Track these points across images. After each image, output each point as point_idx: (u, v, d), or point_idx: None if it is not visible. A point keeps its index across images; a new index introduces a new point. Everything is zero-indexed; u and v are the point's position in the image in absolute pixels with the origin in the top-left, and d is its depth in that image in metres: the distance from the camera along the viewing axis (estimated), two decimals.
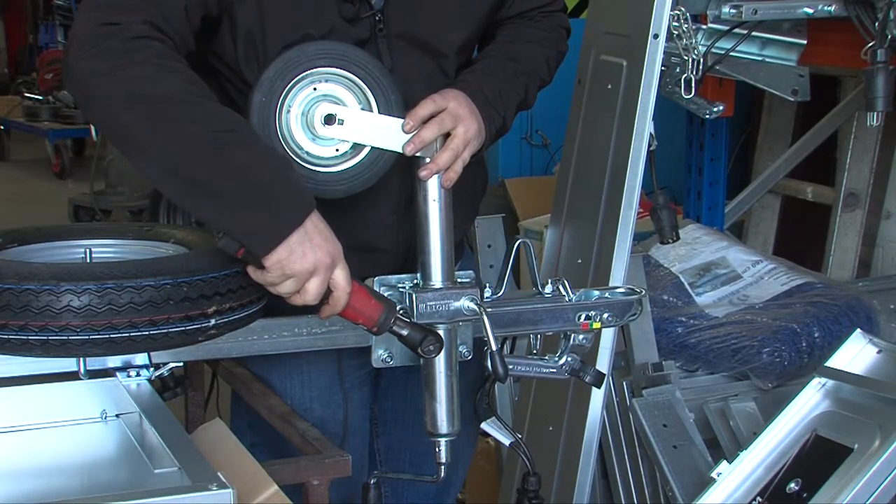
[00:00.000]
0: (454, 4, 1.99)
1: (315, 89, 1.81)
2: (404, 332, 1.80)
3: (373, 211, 1.99)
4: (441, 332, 1.85)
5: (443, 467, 1.91)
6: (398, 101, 1.85)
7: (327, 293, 1.74)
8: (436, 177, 1.85)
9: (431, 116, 1.86)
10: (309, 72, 1.80)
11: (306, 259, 1.68)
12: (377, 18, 1.92)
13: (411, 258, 1.98)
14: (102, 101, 1.70)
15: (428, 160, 1.84)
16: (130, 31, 1.69)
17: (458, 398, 1.89)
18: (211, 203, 1.68)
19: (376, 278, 1.86)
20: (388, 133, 1.83)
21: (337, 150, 1.83)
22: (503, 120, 1.99)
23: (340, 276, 1.73)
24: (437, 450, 1.90)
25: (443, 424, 1.89)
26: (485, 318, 1.83)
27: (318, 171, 1.84)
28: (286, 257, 1.68)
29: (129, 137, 1.70)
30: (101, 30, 1.69)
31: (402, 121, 1.83)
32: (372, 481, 1.92)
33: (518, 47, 2.07)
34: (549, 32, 2.13)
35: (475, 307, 1.85)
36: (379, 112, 1.84)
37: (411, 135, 1.83)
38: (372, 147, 1.85)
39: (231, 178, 1.67)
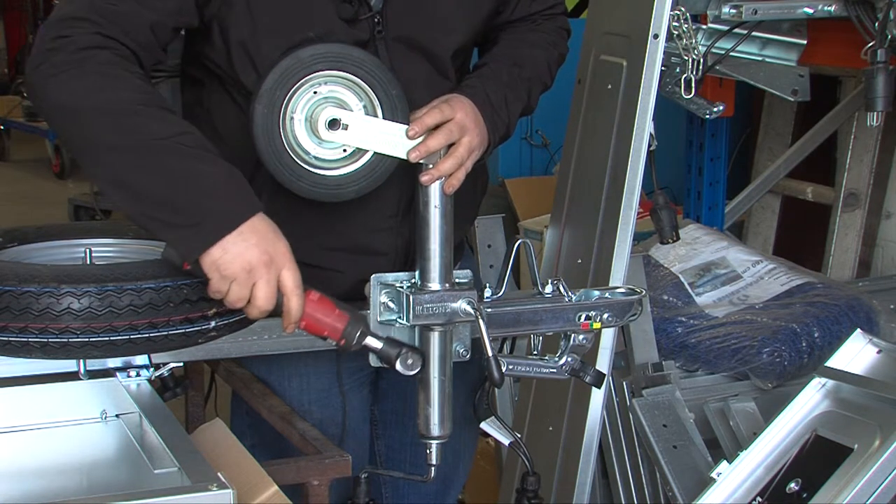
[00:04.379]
0: (452, 9, 1.99)
1: (316, 93, 1.81)
2: (378, 346, 1.76)
3: (371, 214, 1.99)
4: (436, 335, 1.85)
5: (432, 468, 1.92)
6: (399, 96, 1.84)
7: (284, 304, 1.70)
8: (437, 182, 1.84)
9: (438, 125, 1.86)
10: (307, 77, 1.80)
11: (241, 258, 1.65)
12: (376, 20, 1.92)
13: (410, 261, 1.99)
14: (52, 115, 1.73)
15: (430, 166, 1.84)
16: (79, 42, 1.71)
17: (450, 402, 1.90)
18: (146, 211, 1.68)
19: (373, 275, 1.86)
20: (393, 139, 1.83)
21: (344, 150, 1.83)
22: (507, 127, 2.00)
23: (287, 279, 1.69)
24: (427, 451, 1.91)
25: (435, 427, 1.90)
26: (481, 322, 1.83)
27: (328, 175, 1.83)
28: (219, 257, 1.66)
29: (76, 148, 1.73)
30: (52, 44, 1.71)
31: (406, 127, 1.83)
32: (363, 476, 1.93)
33: (522, 52, 2.07)
34: (551, 36, 2.13)
35: (471, 310, 1.85)
36: (382, 111, 1.84)
37: (417, 141, 1.83)
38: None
39: (163, 185, 1.67)
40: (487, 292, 1.94)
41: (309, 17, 1.86)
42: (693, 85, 2.64)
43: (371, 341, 1.76)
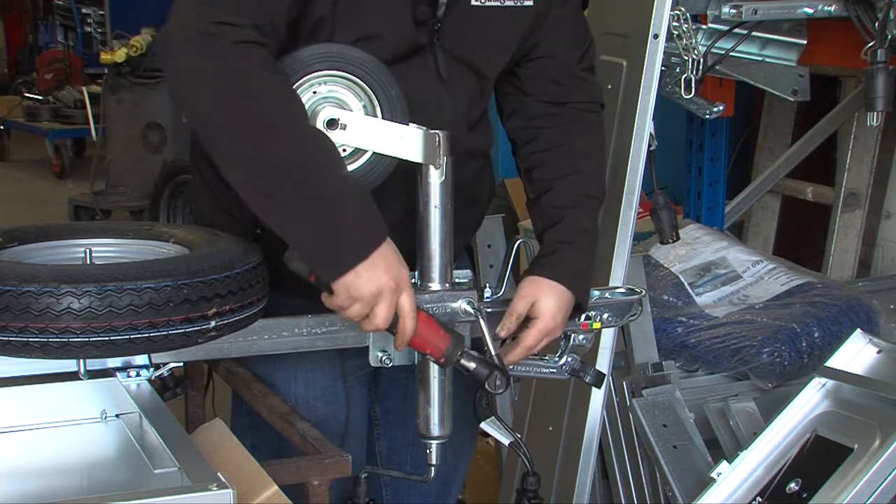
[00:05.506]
0: (500, 31, 1.98)
1: (315, 93, 1.81)
2: (471, 366, 1.83)
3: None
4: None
5: (433, 468, 1.93)
6: (399, 96, 1.84)
7: (396, 322, 1.77)
8: (438, 182, 1.84)
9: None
10: (306, 77, 1.80)
11: (371, 283, 1.72)
12: (436, 28, 1.92)
13: (412, 261, 1.98)
14: (199, 105, 1.72)
15: (433, 168, 1.83)
16: (238, 34, 1.70)
17: (450, 402, 1.90)
18: (288, 224, 1.72)
19: None
20: (392, 139, 1.83)
21: (343, 150, 1.83)
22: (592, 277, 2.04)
23: (406, 302, 1.76)
24: (427, 451, 1.92)
25: (435, 428, 1.90)
26: (482, 321, 1.84)
27: None
28: (352, 281, 1.72)
29: (217, 143, 1.73)
30: (211, 29, 1.69)
31: (403, 126, 1.82)
32: (363, 476, 1.93)
33: (587, 168, 2.07)
34: (599, 146, 2.13)
35: (472, 310, 1.85)
36: (381, 111, 1.84)
37: (418, 143, 1.82)
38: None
39: (310, 202, 1.70)
40: (487, 292, 1.94)
41: (387, 9, 1.86)
42: (693, 85, 2.64)
43: (465, 361, 1.83)
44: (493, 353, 1.84)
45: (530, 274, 1.96)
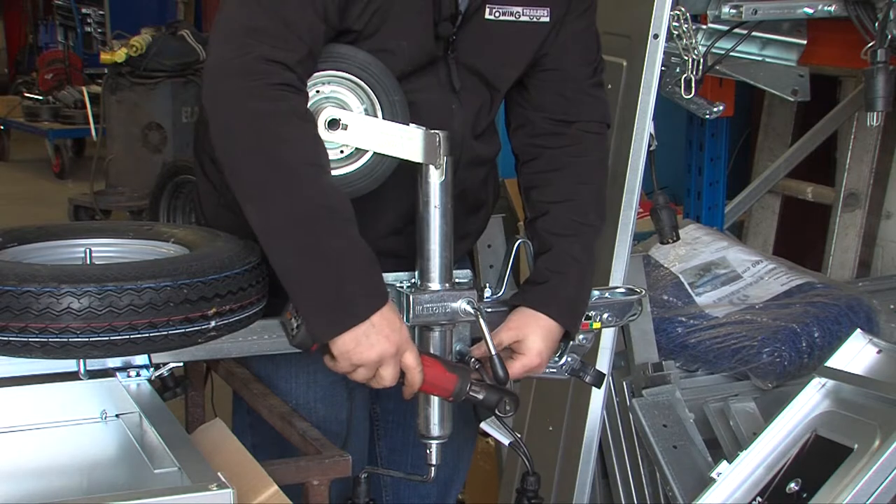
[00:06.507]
0: (513, 44, 1.98)
1: (318, 92, 1.81)
2: (480, 397, 1.85)
3: (381, 221, 1.99)
4: (436, 335, 1.87)
5: (432, 468, 1.93)
6: (401, 101, 1.84)
7: (403, 374, 1.79)
8: (438, 182, 1.84)
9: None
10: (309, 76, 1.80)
11: (372, 350, 1.73)
12: (451, 39, 1.92)
13: (412, 261, 1.98)
14: (226, 138, 1.73)
15: (433, 168, 1.83)
16: (279, 76, 1.71)
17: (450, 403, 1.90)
18: (291, 272, 1.73)
19: None
20: (393, 139, 1.83)
21: (342, 151, 1.83)
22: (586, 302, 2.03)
23: (410, 359, 1.78)
24: (427, 451, 1.92)
25: (434, 428, 1.91)
26: (482, 321, 1.84)
27: None
28: (353, 348, 1.73)
29: (238, 179, 1.74)
30: (254, 65, 1.70)
31: (403, 126, 1.82)
32: (363, 476, 1.94)
33: (588, 231, 2.04)
34: (601, 170, 2.10)
35: (472, 310, 1.85)
36: (382, 114, 1.83)
37: (419, 145, 1.81)
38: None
39: (316, 258, 1.71)
40: (487, 292, 1.94)
41: (410, 21, 1.86)
42: (693, 85, 2.64)
43: (475, 394, 1.86)
44: (494, 353, 1.84)
45: (521, 303, 1.96)
